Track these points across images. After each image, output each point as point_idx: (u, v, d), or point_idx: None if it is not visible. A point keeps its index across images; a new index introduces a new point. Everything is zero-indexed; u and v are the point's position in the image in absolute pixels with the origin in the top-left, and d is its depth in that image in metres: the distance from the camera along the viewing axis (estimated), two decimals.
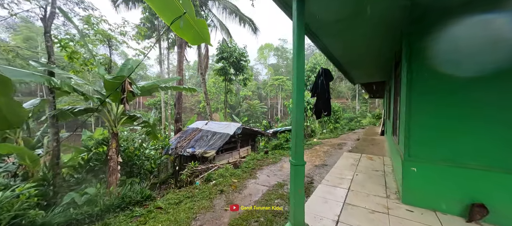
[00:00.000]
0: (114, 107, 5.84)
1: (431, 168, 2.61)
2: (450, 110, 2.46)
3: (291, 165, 2.08)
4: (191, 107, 58.30)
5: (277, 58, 70.51)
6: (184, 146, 9.64)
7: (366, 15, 3.12)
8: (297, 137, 1.99)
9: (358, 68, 7.25)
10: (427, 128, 2.62)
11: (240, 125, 10.21)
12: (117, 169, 5.51)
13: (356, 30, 3.73)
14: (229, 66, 16.57)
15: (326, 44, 4.41)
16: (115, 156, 5.48)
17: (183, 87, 6.59)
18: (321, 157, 7.72)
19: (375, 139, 9.69)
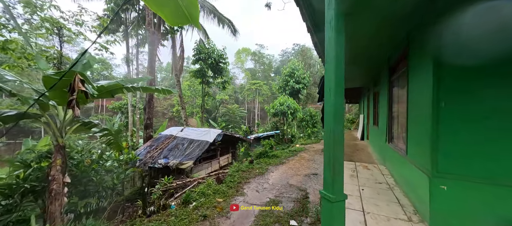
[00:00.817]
0: (61, 112, 4.55)
1: (465, 186, 2.22)
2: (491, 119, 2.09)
3: (326, 201, 1.43)
4: (163, 111, 54.57)
5: (254, 63, 70.73)
6: (155, 157, 8.37)
7: (376, 8, 2.73)
8: (335, 160, 1.37)
9: (346, 72, 7.11)
10: (463, 139, 2.23)
11: (220, 131, 9.33)
12: (62, 192, 4.23)
13: (360, 28, 3.35)
14: (207, 68, 15.55)
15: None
16: (60, 176, 4.20)
17: (155, 88, 5.55)
18: (309, 165, 7.31)
19: (357, 144, 9.69)
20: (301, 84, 22.46)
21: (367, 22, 3.15)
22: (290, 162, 7.82)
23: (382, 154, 5.47)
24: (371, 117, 8.01)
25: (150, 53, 9.76)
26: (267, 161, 7.51)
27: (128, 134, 13.01)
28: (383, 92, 5.45)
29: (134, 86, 5.18)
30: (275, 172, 6.49)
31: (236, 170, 6.21)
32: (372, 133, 7.80)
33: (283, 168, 6.97)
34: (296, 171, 6.59)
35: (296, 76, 22.42)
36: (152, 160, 8.18)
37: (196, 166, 8.73)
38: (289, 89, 22.43)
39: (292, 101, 17.41)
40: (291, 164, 7.45)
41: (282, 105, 16.90)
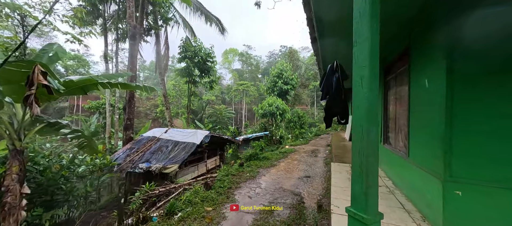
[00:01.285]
0: (19, 110, 3.87)
1: (482, 191, 2.05)
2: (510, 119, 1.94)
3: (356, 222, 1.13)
4: (146, 112, 52.18)
5: (242, 63, 70.33)
6: (135, 161, 7.68)
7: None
8: (369, 170, 1.08)
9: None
10: (479, 141, 2.07)
11: (207, 132, 8.84)
12: (19, 205, 3.56)
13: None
14: (194, 67, 14.90)
15: (328, 43, 3.86)
16: (17, 186, 3.53)
17: (136, 85, 4.99)
18: (301, 167, 7.10)
19: (346, 145, 9.71)
20: (289, 86, 22.48)
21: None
22: (281, 164, 7.56)
23: None
24: None
25: (131, 48, 9.00)
26: (257, 164, 7.18)
27: (106, 135, 11.98)
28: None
29: (111, 82, 4.59)
30: (267, 175, 6.18)
31: (226, 174, 5.80)
32: None
33: (274, 170, 6.68)
34: (288, 174, 6.33)
35: (284, 77, 22.40)
36: (132, 164, 7.49)
37: (182, 170, 8.16)
38: (277, 90, 22.34)
39: (281, 102, 17.30)
40: (283, 166, 7.19)
41: (271, 106, 16.72)
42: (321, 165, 7.48)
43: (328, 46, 4.14)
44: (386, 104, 4.70)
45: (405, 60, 3.55)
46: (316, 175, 6.25)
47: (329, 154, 9.37)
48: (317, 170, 6.78)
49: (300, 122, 22.64)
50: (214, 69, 15.59)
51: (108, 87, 4.75)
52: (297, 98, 29.56)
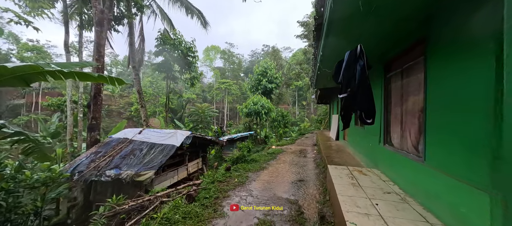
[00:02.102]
0: None
1: None
2: None
3: None
4: (119, 110, 48.38)
5: (224, 61, 68.83)
6: (102, 167, 6.56)
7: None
8: None
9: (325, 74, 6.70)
10: None
11: (189, 133, 7.96)
12: None
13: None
14: (173, 62, 13.73)
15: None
16: None
17: (99, 75, 4.03)
18: (292, 169, 6.64)
19: (335, 145, 9.54)
20: (274, 84, 22.18)
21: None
22: (271, 166, 7.04)
23: (372, 156, 5.09)
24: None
25: (97, 36, 7.70)
26: (246, 167, 6.55)
27: (67, 137, 10.36)
28: (380, 91, 5.08)
29: (64, 71, 3.60)
30: (257, 180, 5.59)
31: (211, 181, 5.08)
32: (353, 133, 7.59)
33: (265, 174, 6.12)
34: (280, 178, 5.82)
35: (268, 75, 22.02)
36: (98, 172, 6.36)
37: (159, 175, 7.21)
38: (261, 89, 21.89)
39: (266, 101, 16.85)
40: (273, 169, 6.67)
41: (256, 104, 16.17)
42: (312, 167, 7.10)
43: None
44: (387, 102, 4.40)
45: (417, 53, 3.21)
46: (309, 178, 5.82)
47: (318, 154, 9.10)
48: (309, 173, 6.37)
49: (284, 121, 22.48)
50: (196, 65, 14.56)
51: (60, 78, 3.74)
52: (282, 97, 29.47)
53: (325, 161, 6.50)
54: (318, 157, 8.57)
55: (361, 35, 3.48)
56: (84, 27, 10.62)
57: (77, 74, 3.78)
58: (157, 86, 46.72)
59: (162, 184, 7.30)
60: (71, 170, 6.49)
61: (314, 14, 4.17)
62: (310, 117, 42.39)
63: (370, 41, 3.82)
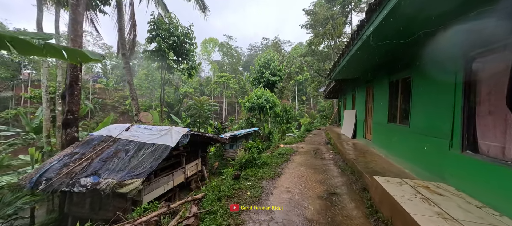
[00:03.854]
0: None
1: None
2: None
3: None
4: (113, 104, 46.60)
5: (222, 54, 66.87)
6: (76, 173, 5.20)
7: None
8: None
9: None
10: None
11: (186, 130, 6.61)
12: None
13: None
14: (168, 49, 12.21)
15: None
16: None
17: (63, 48, 2.64)
18: (315, 177, 5.37)
19: (353, 145, 8.30)
20: (277, 77, 20.75)
21: None
22: (287, 172, 5.77)
23: (432, 165, 3.83)
24: (381, 112, 6.53)
25: (72, 9, 6.17)
26: (257, 173, 5.27)
27: (43, 134, 8.92)
28: (432, 80, 3.77)
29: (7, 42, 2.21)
30: (275, 192, 4.32)
31: (217, 197, 3.77)
32: (384, 131, 6.33)
33: (282, 183, 4.85)
34: (303, 189, 4.56)
35: (271, 67, 20.56)
36: (70, 179, 5.01)
37: (149, 182, 5.89)
38: (264, 82, 20.45)
39: (271, 95, 15.49)
40: (291, 176, 5.40)
41: (259, 98, 14.81)
42: (336, 172, 5.84)
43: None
44: (467, 92, 3.09)
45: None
46: (341, 190, 4.55)
47: (336, 155, 7.85)
48: (337, 181, 5.11)
49: (287, 117, 21.25)
50: (194, 54, 13.06)
51: (6, 47, 2.34)
52: (283, 91, 28.11)
53: (356, 167, 5.25)
54: (338, 158, 7.33)
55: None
56: (62, 5, 9.03)
57: (28, 44, 2.38)
58: (153, 80, 44.91)
59: (154, 192, 5.99)
60: (36, 177, 5.12)
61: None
62: (310, 113, 41.27)
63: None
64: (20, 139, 14.28)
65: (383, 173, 4.47)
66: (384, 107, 6.19)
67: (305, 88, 54.66)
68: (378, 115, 6.89)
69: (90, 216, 5.66)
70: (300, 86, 55.45)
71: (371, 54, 4.93)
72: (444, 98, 3.51)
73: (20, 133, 15.57)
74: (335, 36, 19.80)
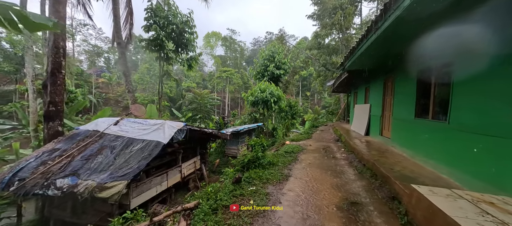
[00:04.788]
0: None
1: None
2: None
3: None
4: (117, 99, 46.35)
5: (225, 49, 65.85)
6: (54, 173, 4.51)
7: None
8: None
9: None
10: None
11: (182, 124, 5.85)
12: None
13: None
14: (167, 38, 11.42)
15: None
16: None
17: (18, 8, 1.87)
18: (329, 180, 4.57)
19: (367, 143, 7.46)
20: (282, 70, 19.81)
21: None
22: (297, 174, 5.00)
23: (489, 174, 2.99)
24: (404, 106, 5.66)
25: None
26: (262, 176, 4.51)
27: (30, 127, 8.32)
28: (487, 64, 2.90)
29: None
30: (284, 200, 3.56)
31: (212, 208, 3.02)
32: (409, 128, 5.47)
33: (292, 189, 4.08)
34: (318, 197, 3.78)
35: (276, 60, 19.61)
36: (45, 180, 4.32)
37: (140, 183, 5.18)
38: (268, 75, 19.54)
39: (275, 88, 14.63)
40: (301, 179, 4.63)
41: (263, 92, 13.96)
42: (352, 175, 5.04)
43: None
44: None
45: None
46: (363, 197, 3.76)
47: (349, 154, 7.03)
48: (355, 186, 4.31)
49: (291, 112, 20.40)
50: (194, 44, 12.24)
51: None
52: (287, 85, 27.14)
53: (379, 170, 4.43)
54: (352, 158, 6.50)
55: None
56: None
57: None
58: (155, 73, 44.36)
59: (144, 195, 5.29)
60: (8, 177, 4.45)
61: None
62: (314, 108, 40.25)
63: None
64: (17, 133, 13.82)
65: (416, 179, 3.65)
66: (409, 100, 5.31)
67: (310, 84, 53.49)
68: (400, 109, 6.02)
69: (72, 220, 5.01)
70: (304, 81, 54.28)
71: (406, 32, 4.03)
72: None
73: (17, 126, 15.15)
74: (344, 27, 18.68)
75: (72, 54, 47.18)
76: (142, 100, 35.31)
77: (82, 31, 45.75)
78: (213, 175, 9.32)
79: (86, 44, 47.74)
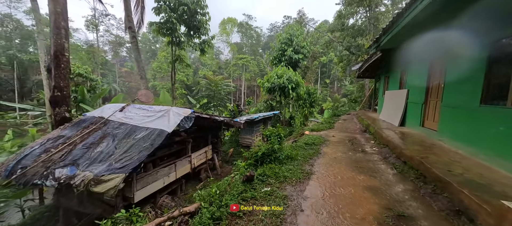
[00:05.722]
0: None
1: None
2: None
3: None
4: (138, 87, 48.17)
5: (241, 35, 64.32)
6: (54, 161, 4.22)
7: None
8: None
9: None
10: None
11: (190, 111, 5.27)
12: None
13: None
14: (178, 21, 10.81)
15: None
16: None
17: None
18: (361, 180, 3.66)
19: (408, 134, 6.32)
20: (301, 54, 18.41)
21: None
22: (320, 171, 4.20)
23: None
24: (462, 91, 4.43)
25: None
26: (278, 173, 3.78)
27: (47, 113, 8.43)
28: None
29: None
30: (306, 207, 2.81)
31: (215, 216, 2.36)
32: (472, 119, 4.27)
33: (316, 191, 3.30)
34: (350, 204, 2.96)
35: (294, 44, 18.19)
36: (45, 169, 4.03)
37: (145, 174, 4.77)
38: (285, 61, 18.31)
39: (293, 73, 13.50)
40: (327, 179, 3.82)
41: (280, 78, 12.95)
42: (390, 174, 4.09)
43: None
44: None
45: None
46: (412, 208, 2.86)
47: (382, 147, 5.97)
48: (398, 190, 3.39)
49: (310, 100, 19.13)
50: (206, 26, 11.49)
51: None
52: (306, 71, 25.49)
53: (431, 171, 3.43)
54: (386, 152, 5.47)
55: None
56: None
57: None
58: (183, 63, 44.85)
59: (150, 187, 4.88)
60: (12, 165, 4.25)
61: None
62: (333, 97, 38.02)
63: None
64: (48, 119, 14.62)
65: (491, 187, 2.67)
66: (473, 82, 4.08)
67: (330, 71, 50.49)
68: (455, 94, 4.78)
69: (79, 210, 4.80)
70: (324, 68, 51.40)
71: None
72: None
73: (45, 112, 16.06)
74: (373, 3, 16.49)
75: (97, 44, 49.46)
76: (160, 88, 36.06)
77: (104, 21, 47.31)
78: (227, 165, 8.85)
79: (108, 35, 49.48)
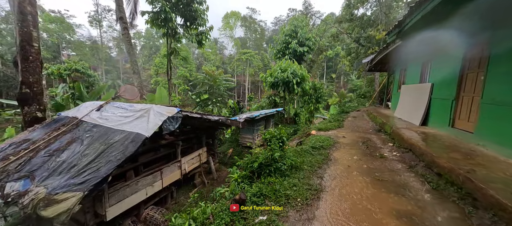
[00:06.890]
0: None
1: None
2: None
3: None
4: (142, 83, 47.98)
5: (245, 30, 63.00)
6: (10, 173, 3.50)
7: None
8: None
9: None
10: None
11: (176, 110, 4.45)
12: None
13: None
14: (174, 11, 9.96)
15: None
16: None
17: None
18: (379, 197, 2.79)
19: (433, 136, 5.35)
20: (306, 47, 17.31)
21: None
22: (334, 186, 3.34)
23: None
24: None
25: None
26: (279, 190, 2.95)
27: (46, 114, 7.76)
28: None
29: None
30: None
31: None
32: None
33: (326, 217, 2.39)
34: None
35: (299, 36, 17.09)
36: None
37: (122, 186, 4.00)
38: (290, 54, 17.26)
39: (298, 67, 12.51)
40: (343, 198, 2.95)
41: (284, 72, 11.99)
42: (422, 189, 3.19)
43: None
44: None
45: None
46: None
47: (404, 152, 5.03)
48: (440, 218, 2.50)
49: (316, 95, 18.09)
50: (204, 16, 10.59)
51: None
52: (312, 65, 24.30)
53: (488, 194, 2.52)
54: (410, 158, 4.54)
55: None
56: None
57: None
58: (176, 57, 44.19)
59: (128, 200, 4.12)
60: None
61: None
62: (339, 92, 36.67)
63: None
64: None
65: None
66: None
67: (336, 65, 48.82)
68: (503, 87, 3.78)
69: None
70: (330, 62, 49.81)
71: None
72: None
73: None
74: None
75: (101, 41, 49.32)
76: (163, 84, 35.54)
77: (107, 17, 46.94)
78: (225, 168, 8.08)
79: (111, 30, 49.13)
